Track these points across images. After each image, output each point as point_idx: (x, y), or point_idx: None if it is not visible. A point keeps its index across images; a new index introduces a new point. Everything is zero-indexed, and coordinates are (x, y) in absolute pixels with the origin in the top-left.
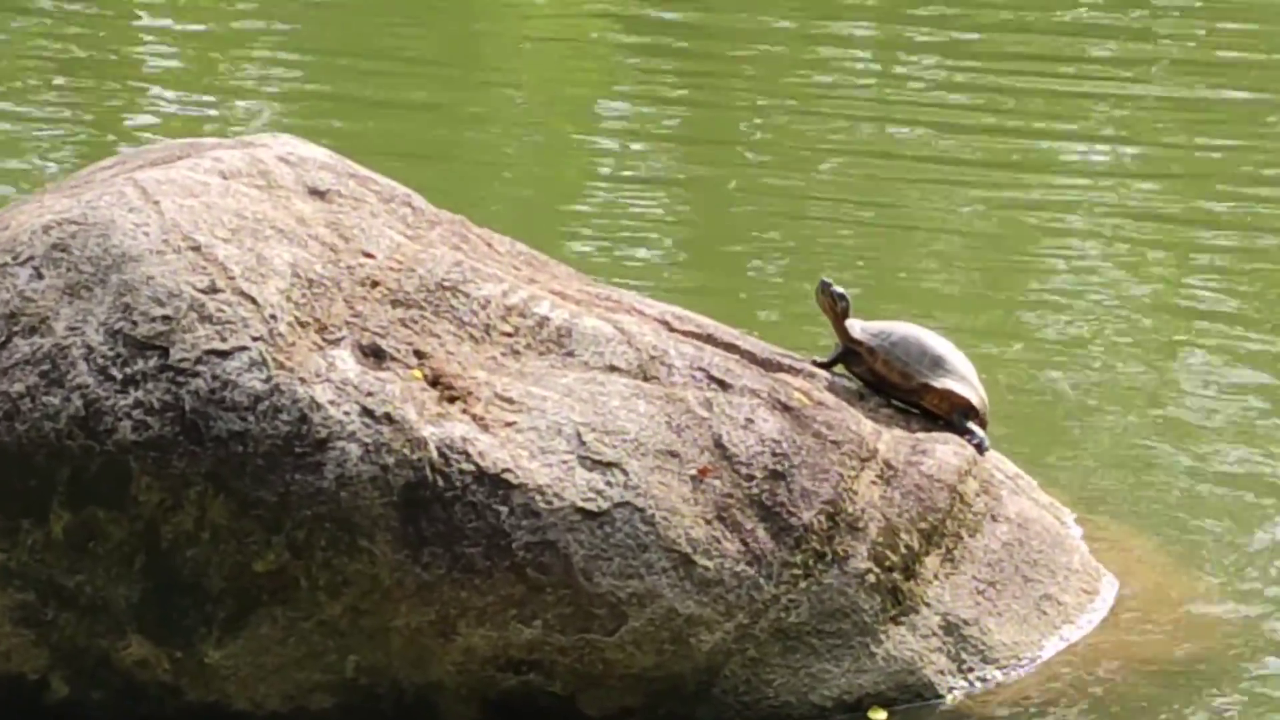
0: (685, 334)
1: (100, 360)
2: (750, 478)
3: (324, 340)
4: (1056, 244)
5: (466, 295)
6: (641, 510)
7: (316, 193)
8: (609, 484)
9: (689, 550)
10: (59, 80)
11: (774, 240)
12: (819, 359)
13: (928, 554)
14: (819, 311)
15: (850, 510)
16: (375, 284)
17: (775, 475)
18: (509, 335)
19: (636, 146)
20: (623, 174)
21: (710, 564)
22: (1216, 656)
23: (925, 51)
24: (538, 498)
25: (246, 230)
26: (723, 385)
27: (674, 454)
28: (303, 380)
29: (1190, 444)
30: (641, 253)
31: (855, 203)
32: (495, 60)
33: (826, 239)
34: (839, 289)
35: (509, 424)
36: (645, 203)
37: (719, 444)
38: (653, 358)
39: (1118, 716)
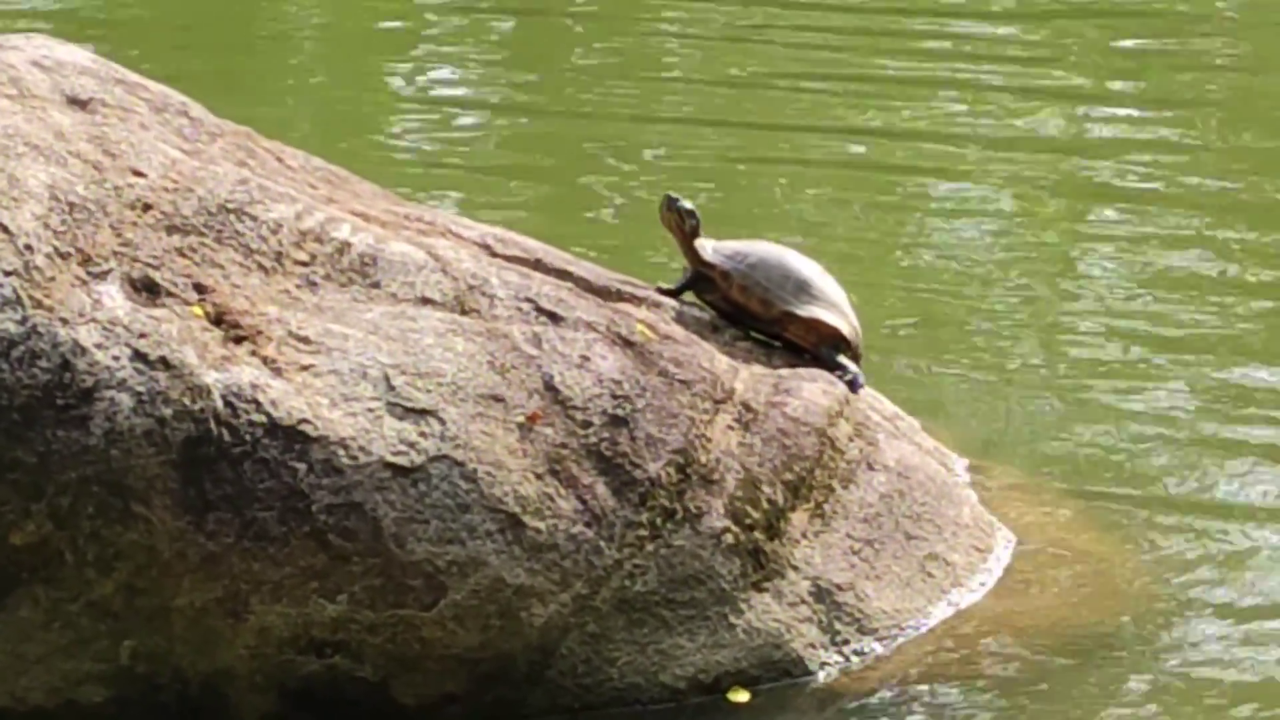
0: (509, 259)
1: None
2: (587, 425)
3: (88, 273)
4: (940, 165)
5: (254, 218)
6: (461, 464)
7: (77, 102)
8: (423, 435)
9: (517, 510)
10: None
11: (611, 150)
12: (665, 285)
13: (794, 509)
14: (664, 231)
15: (703, 460)
16: (147, 207)
17: (616, 421)
18: (304, 264)
19: (450, 52)
20: (435, 82)
21: (542, 525)
22: (1123, 621)
23: None
24: (340, 452)
25: None
26: (553, 318)
27: (498, 399)
28: (64, 320)
29: (1089, 383)
30: (457, 167)
31: (704, 113)
32: None
33: (672, 149)
34: (687, 204)
35: (306, 367)
36: (460, 112)
37: (550, 386)
38: (472, 287)
39: (1014, 691)
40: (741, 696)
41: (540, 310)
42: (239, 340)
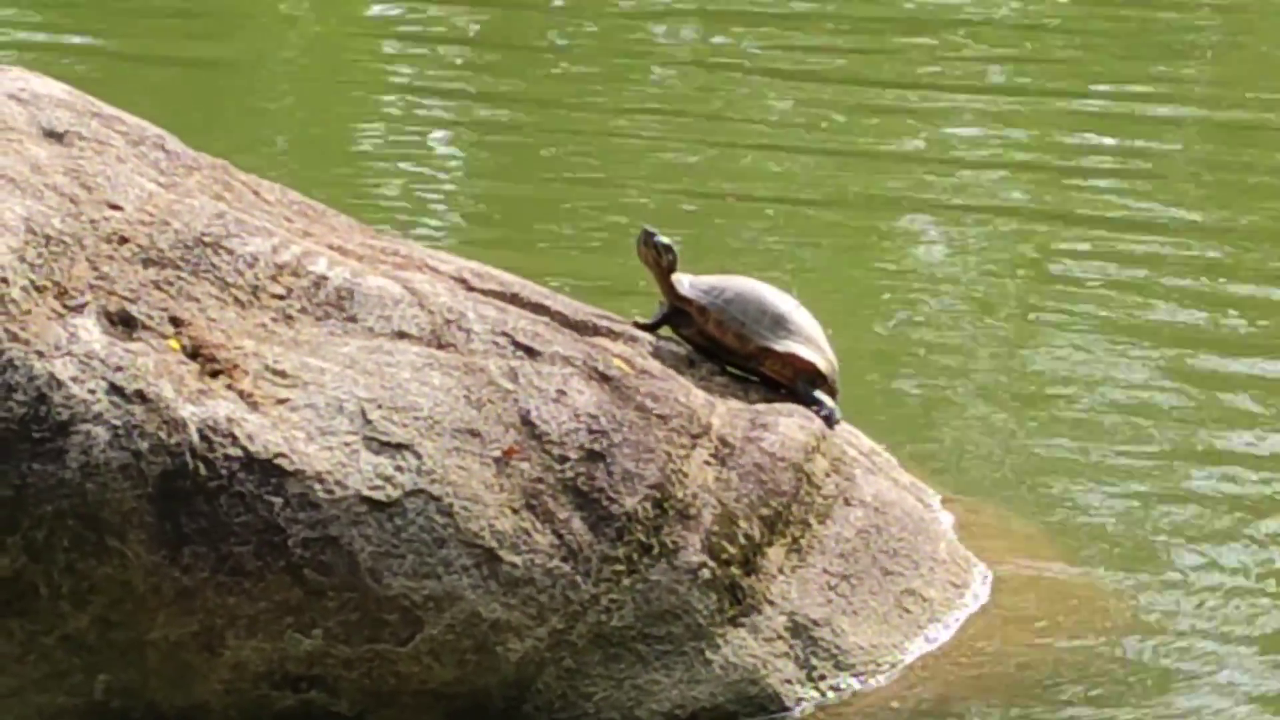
0: (486, 293)
1: None
2: (564, 459)
3: (64, 307)
4: (918, 205)
5: (230, 252)
6: (438, 499)
7: (53, 135)
8: (399, 469)
9: (494, 544)
10: None
11: (588, 185)
12: (642, 320)
13: (771, 544)
14: (641, 265)
15: (680, 495)
16: (124, 240)
17: (592, 456)
18: (281, 298)
19: (424, 85)
20: (410, 113)
21: (518, 560)
22: (1100, 656)
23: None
24: (317, 486)
25: None
26: (530, 352)
27: (474, 433)
28: (40, 354)
29: (1067, 418)
30: (434, 200)
31: (681, 146)
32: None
33: (648, 185)
34: (664, 239)
35: (282, 401)
36: (437, 144)
37: (526, 420)
38: (448, 321)
39: None
40: None
41: (517, 345)
42: (215, 374)
